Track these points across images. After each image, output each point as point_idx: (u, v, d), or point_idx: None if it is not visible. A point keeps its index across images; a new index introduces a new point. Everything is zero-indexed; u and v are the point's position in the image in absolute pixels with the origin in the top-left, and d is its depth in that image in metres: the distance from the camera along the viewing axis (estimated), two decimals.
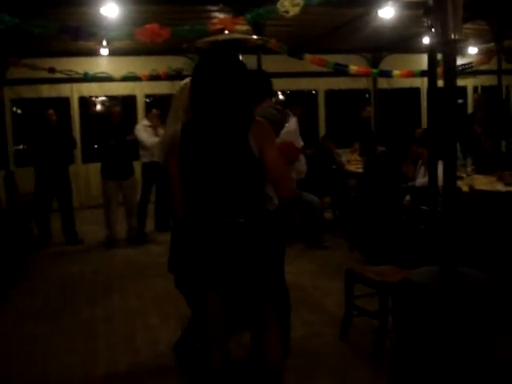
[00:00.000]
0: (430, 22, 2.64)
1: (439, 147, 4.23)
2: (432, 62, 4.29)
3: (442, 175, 3.97)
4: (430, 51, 4.30)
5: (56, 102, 10.74)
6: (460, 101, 13.88)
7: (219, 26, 5.44)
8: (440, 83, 3.36)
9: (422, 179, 6.03)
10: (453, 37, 2.54)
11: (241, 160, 2.74)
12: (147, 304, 5.59)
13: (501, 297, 3.22)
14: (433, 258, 4.04)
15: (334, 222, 8.81)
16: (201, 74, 2.82)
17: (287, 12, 4.99)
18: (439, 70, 3.70)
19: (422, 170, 6.15)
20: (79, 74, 10.42)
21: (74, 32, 5.52)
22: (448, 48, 2.62)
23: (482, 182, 6.25)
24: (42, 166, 8.21)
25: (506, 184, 5.98)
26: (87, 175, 11.86)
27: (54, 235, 8.47)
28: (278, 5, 5.03)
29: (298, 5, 4.90)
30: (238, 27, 7.31)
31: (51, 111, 8.27)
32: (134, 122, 9.96)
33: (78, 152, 11.24)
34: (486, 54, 9.86)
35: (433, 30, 2.74)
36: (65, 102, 11.68)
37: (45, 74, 10.62)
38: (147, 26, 5.68)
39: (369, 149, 8.75)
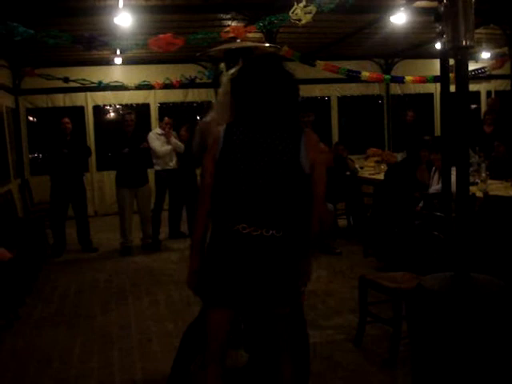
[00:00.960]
0: (441, 28, 2.64)
1: (453, 153, 4.23)
2: (444, 67, 4.28)
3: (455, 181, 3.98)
4: (442, 57, 4.30)
5: (71, 111, 10.85)
6: (474, 106, 13.84)
7: (231, 35, 5.45)
8: (453, 88, 3.38)
9: (435, 186, 6.03)
10: (464, 43, 2.56)
11: (289, 172, 2.63)
12: (162, 310, 5.63)
13: None
14: (447, 264, 4.04)
15: (348, 228, 8.80)
16: (249, 80, 2.68)
17: (299, 20, 5.01)
18: (452, 76, 3.71)
19: (436, 176, 6.15)
20: (93, 83, 10.51)
21: (88, 42, 5.57)
22: (459, 54, 2.63)
23: (497, 188, 6.23)
24: (58, 174, 8.29)
25: None
26: (101, 183, 11.96)
27: (69, 243, 8.55)
28: (291, 13, 5.06)
29: (310, 12, 4.92)
30: (251, 35, 7.35)
31: (66, 119, 8.35)
32: (148, 130, 10.04)
33: (92, 160, 11.35)
34: (499, 59, 9.83)
35: (444, 36, 2.74)
36: (79, 110, 11.79)
37: (59, 84, 10.75)
38: (161, 35, 5.71)
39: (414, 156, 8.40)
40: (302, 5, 4.97)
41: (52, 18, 7.62)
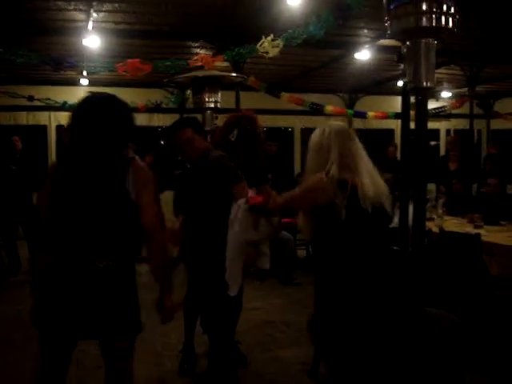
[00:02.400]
0: (403, 68, 2.73)
1: (410, 188, 4.33)
2: (405, 105, 4.40)
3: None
4: (404, 95, 4.43)
5: (33, 130, 10.74)
6: (433, 143, 14.19)
7: (199, 63, 5.51)
8: (413, 126, 3.48)
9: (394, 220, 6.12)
10: (425, 84, 2.65)
11: (116, 201, 2.69)
12: None
13: (468, 337, 3.28)
14: (403, 298, 4.11)
15: (307, 258, 8.85)
16: (80, 113, 2.77)
17: (267, 53, 5.10)
18: (412, 114, 3.82)
19: (396, 210, 6.24)
20: (58, 103, 10.43)
21: (56, 63, 5.55)
22: (420, 95, 2.72)
23: (452, 224, 6.37)
24: (4, 192, 8.14)
25: (476, 226, 6.11)
26: None
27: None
28: (258, 46, 5.14)
29: (277, 46, 5.02)
30: (218, 63, 7.43)
31: (16, 137, 8.27)
32: None
33: None
34: (458, 99, 10.14)
35: (406, 75, 2.83)
36: (42, 129, 11.66)
37: (23, 102, 10.62)
38: (129, 60, 5.73)
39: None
40: (269, 38, 5.06)
41: (20, 37, 7.57)
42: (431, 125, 12.92)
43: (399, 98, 13.21)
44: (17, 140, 8.28)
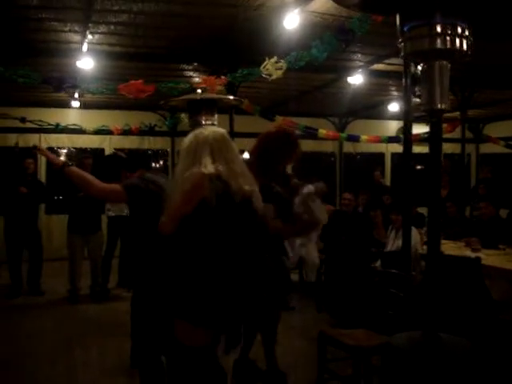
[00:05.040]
0: (416, 91, 2.71)
1: (412, 213, 4.32)
2: (407, 129, 4.41)
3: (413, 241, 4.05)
4: (406, 119, 4.44)
5: (23, 152, 10.60)
6: (419, 167, 14.27)
7: (203, 85, 5.49)
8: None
9: (394, 243, 6.11)
10: (439, 106, 2.63)
11: None
12: (112, 362, 5.42)
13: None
14: (405, 322, 4.05)
15: (301, 282, 8.77)
16: None
17: (270, 75, 5.09)
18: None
19: (393, 234, 6.24)
20: (51, 124, 10.36)
21: (58, 83, 5.50)
22: (434, 117, 2.70)
23: (450, 248, 6.36)
24: (13, 214, 8.14)
25: (474, 250, 6.11)
26: (49, 227, 11.62)
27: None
28: (262, 68, 5.14)
29: (281, 68, 5.01)
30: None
31: (30, 160, 8.32)
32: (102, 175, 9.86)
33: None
34: (450, 123, 10.19)
35: (416, 98, 2.82)
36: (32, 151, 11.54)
37: (13, 123, 10.52)
38: (132, 81, 5.70)
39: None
40: (273, 60, 5.06)
41: (15, 57, 7.53)
42: (421, 149, 13.00)
43: (389, 122, 13.49)
44: (30, 162, 8.31)
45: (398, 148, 12.81)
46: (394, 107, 11.87)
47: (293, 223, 4.38)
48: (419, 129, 8.65)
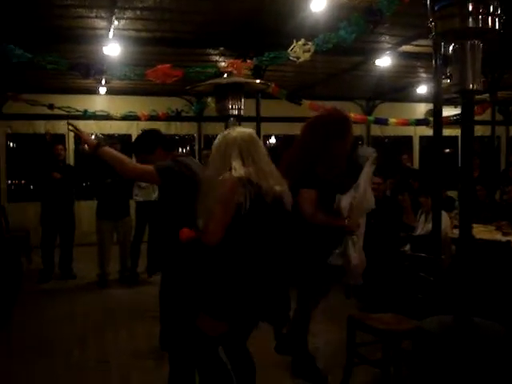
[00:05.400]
0: (449, 72, 2.65)
1: (441, 197, 4.26)
2: (438, 111, 4.34)
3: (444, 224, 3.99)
4: (436, 101, 4.36)
5: (52, 139, 10.72)
6: (448, 150, 14.09)
7: (230, 69, 5.45)
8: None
9: (423, 228, 6.04)
10: (471, 87, 2.57)
11: None
12: (141, 346, 5.48)
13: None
14: (435, 306, 4.01)
15: None
16: None
17: (298, 58, 5.04)
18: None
19: (423, 218, 6.17)
20: (79, 111, 10.43)
21: (85, 69, 5.52)
22: (466, 98, 2.65)
23: (481, 231, 6.26)
24: (49, 200, 8.26)
25: (504, 233, 6.01)
26: (78, 212, 11.70)
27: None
28: (289, 50, 5.09)
29: (308, 51, 4.96)
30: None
31: (60, 146, 8.45)
32: None
33: None
34: (481, 105, 10.01)
35: (446, 79, 2.76)
36: (61, 138, 11.64)
37: (41, 110, 10.61)
38: (159, 66, 5.69)
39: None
40: (300, 43, 5.00)
41: (41, 44, 7.58)
42: (450, 132, 12.81)
43: (417, 105, 13.30)
44: (61, 149, 8.44)
45: (426, 131, 12.65)
46: (422, 89, 11.70)
47: (335, 215, 4.27)
48: (448, 111, 8.52)
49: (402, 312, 4.48)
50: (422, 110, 13.62)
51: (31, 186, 11.78)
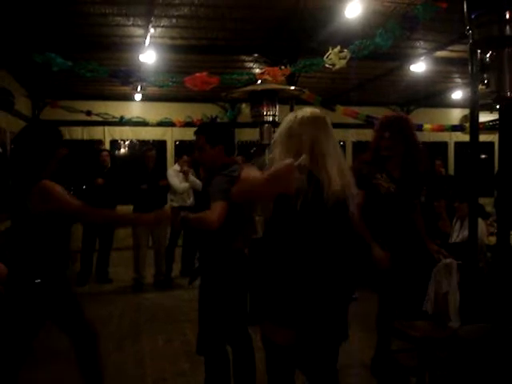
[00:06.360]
0: (486, 79, 2.64)
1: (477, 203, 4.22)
2: (474, 117, 4.29)
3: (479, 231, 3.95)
4: (473, 107, 4.31)
5: (88, 145, 10.92)
6: (483, 156, 13.91)
7: (266, 76, 5.51)
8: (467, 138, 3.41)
9: (459, 234, 5.99)
10: (509, 94, 2.56)
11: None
12: (177, 349, 5.55)
13: None
14: (472, 314, 3.98)
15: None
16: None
17: (333, 65, 5.06)
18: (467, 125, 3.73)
19: (458, 224, 6.11)
20: (115, 117, 10.60)
21: (124, 76, 5.63)
22: (503, 105, 2.64)
23: None
24: (91, 205, 8.36)
25: None
26: None
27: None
28: (325, 58, 5.11)
29: (344, 58, 4.97)
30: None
31: (105, 152, 8.68)
32: (164, 166, 10.08)
33: None
34: None
35: (484, 86, 2.75)
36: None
37: (78, 117, 10.82)
38: (197, 74, 5.78)
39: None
40: (336, 50, 5.02)
41: (78, 52, 7.74)
42: (485, 138, 12.66)
43: (453, 111, 13.10)
44: (106, 155, 8.65)
45: (461, 137, 12.52)
46: (457, 95, 11.59)
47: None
48: (483, 117, 8.43)
49: (436, 319, 4.46)
50: (457, 115, 13.48)
51: (71, 191, 11.96)
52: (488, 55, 2.60)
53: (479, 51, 2.75)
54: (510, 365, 2.50)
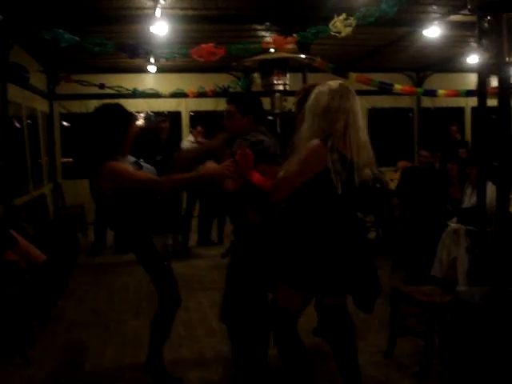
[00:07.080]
0: (484, 44, 2.65)
1: (488, 168, 4.23)
2: (481, 82, 4.28)
3: (490, 196, 3.97)
4: (480, 72, 4.30)
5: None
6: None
7: (272, 45, 5.50)
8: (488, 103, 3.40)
9: (470, 200, 6.00)
10: (508, 59, 2.57)
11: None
12: (192, 317, 5.67)
13: None
14: (480, 278, 4.03)
15: (377, 240, 8.77)
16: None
17: (339, 32, 5.03)
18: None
19: (470, 190, 6.11)
20: (129, 90, 10.64)
21: (132, 50, 5.65)
22: (502, 70, 2.64)
23: None
24: None
25: None
26: None
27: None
28: (330, 25, 5.09)
29: (350, 25, 4.94)
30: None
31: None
32: (179, 137, 10.12)
33: None
34: None
35: (485, 51, 2.75)
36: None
37: (93, 90, 10.85)
38: (203, 45, 5.78)
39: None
40: (342, 17, 4.99)
41: (88, 26, 7.77)
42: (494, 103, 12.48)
43: (469, 75, 12.95)
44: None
45: None
46: (473, 59, 11.43)
47: None
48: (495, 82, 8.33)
49: (448, 284, 4.52)
50: (473, 80, 13.29)
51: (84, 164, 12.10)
52: (486, 21, 2.59)
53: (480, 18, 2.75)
54: (509, 326, 2.56)
